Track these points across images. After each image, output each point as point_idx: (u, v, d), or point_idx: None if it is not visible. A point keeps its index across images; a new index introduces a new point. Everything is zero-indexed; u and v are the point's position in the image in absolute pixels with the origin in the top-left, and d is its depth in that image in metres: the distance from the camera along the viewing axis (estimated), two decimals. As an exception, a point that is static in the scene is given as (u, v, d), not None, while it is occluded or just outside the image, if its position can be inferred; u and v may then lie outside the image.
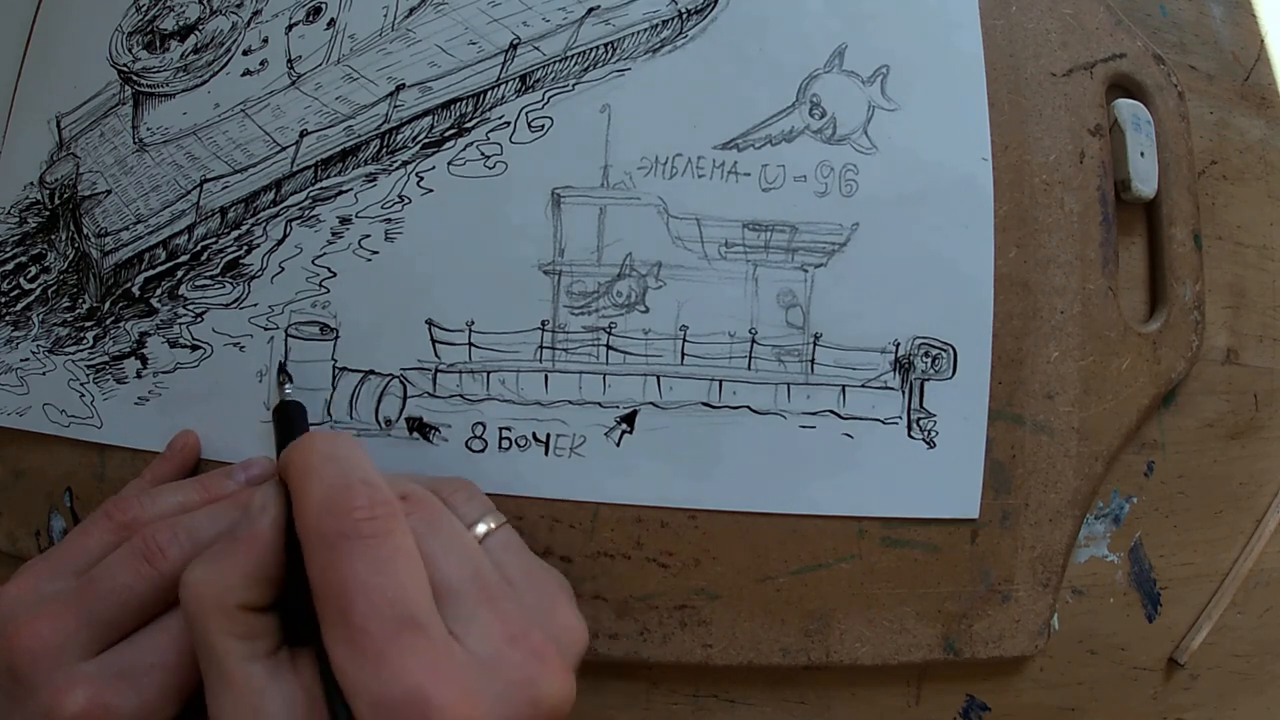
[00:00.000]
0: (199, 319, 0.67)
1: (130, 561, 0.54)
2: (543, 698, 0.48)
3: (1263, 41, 0.78)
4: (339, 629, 0.46)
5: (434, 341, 0.64)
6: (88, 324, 0.69)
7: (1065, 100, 0.69)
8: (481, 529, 0.55)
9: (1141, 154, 0.70)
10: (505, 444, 0.63)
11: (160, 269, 0.68)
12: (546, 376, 0.64)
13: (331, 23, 0.68)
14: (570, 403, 0.64)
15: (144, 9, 0.71)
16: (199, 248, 0.67)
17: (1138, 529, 0.70)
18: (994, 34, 0.68)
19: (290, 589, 0.51)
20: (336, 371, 0.65)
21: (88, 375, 0.68)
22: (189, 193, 0.67)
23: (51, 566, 0.57)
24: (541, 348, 0.64)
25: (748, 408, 0.64)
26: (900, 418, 0.64)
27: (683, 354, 0.64)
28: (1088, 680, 0.69)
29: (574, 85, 0.66)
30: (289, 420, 0.61)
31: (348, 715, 0.45)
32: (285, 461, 0.52)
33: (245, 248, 0.66)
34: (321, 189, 0.66)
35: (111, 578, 0.54)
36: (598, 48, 0.66)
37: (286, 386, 0.64)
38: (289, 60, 0.68)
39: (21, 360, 0.70)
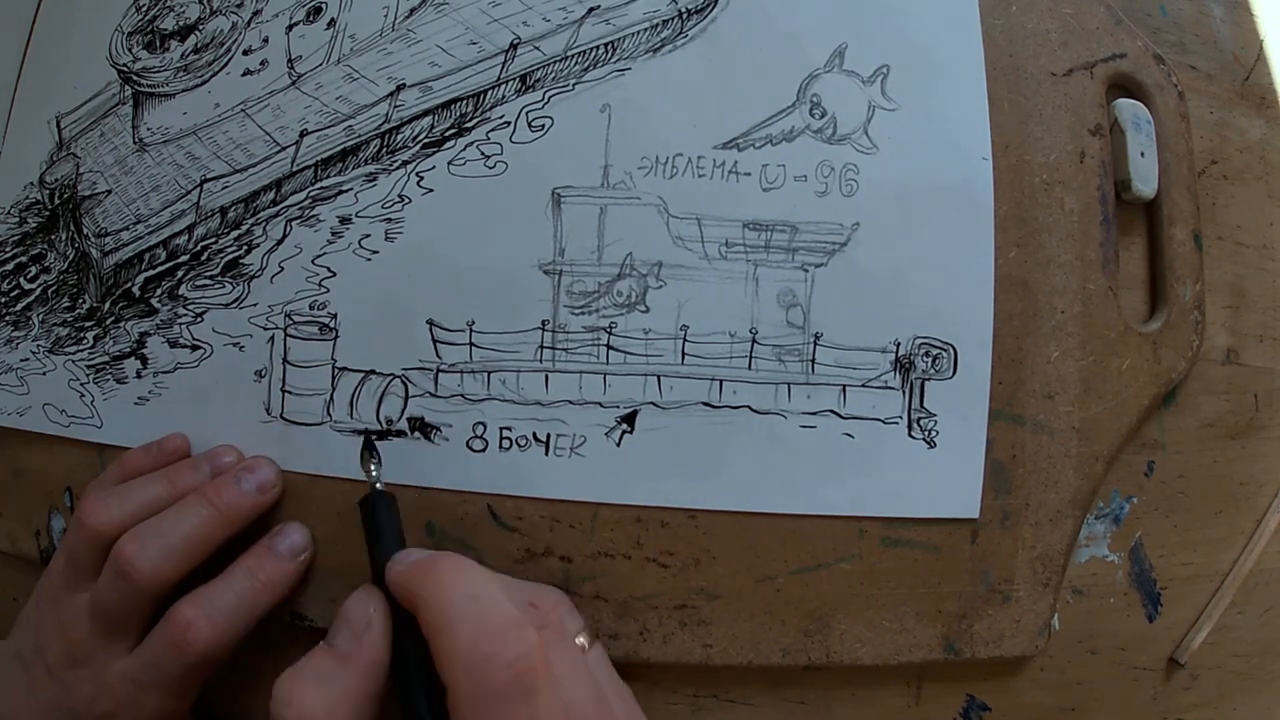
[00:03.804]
0: (199, 319, 0.67)
1: (110, 578, 0.59)
2: None
3: (1263, 41, 0.78)
4: None
5: (435, 341, 0.64)
6: (88, 324, 0.69)
7: (1065, 100, 0.69)
8: (581, 641, 0.57)
9: (1141, 154, 0.69)
10: (506, 444, 0.63)
11: (160, 269, 0.68)
12: (547, 376, 0.64)
13: (332, 23, 0.68)
14: (570, 403, 0.64)
15: (144, 9, 0.72)
16: (199, 248, 0.67)
17: (1138, 529, 0.70)
18: (994, 34, 0.68)
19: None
20: (336, 371, 0.64)
21: (88, 375, 0.68)
22: (189, 193, 0.67)
23: (52, 585, 0.62)
24: (542, 347, 0.64)
25: (748, 407, 0.64)
26: (901, 417, 0.64)
27: (683, 354, 0.64)
28: (1088, 680, 0.69)
29: (574, 85, 0.66)
30: (378, 518, 0.59)
31: None
32: (412, 593, 0.52)
33: (245, 247, 0.66)
34: (321, 189, 0.66)
35: (106, 596, 0.59)
36: (598, 47, 0.66)
37: (373, 469, 0.61)
38: (289, 60, 0.68)
39: (21, 360, 0.70)
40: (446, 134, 0.65)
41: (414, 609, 0.51)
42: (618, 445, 0.63)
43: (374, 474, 0.61)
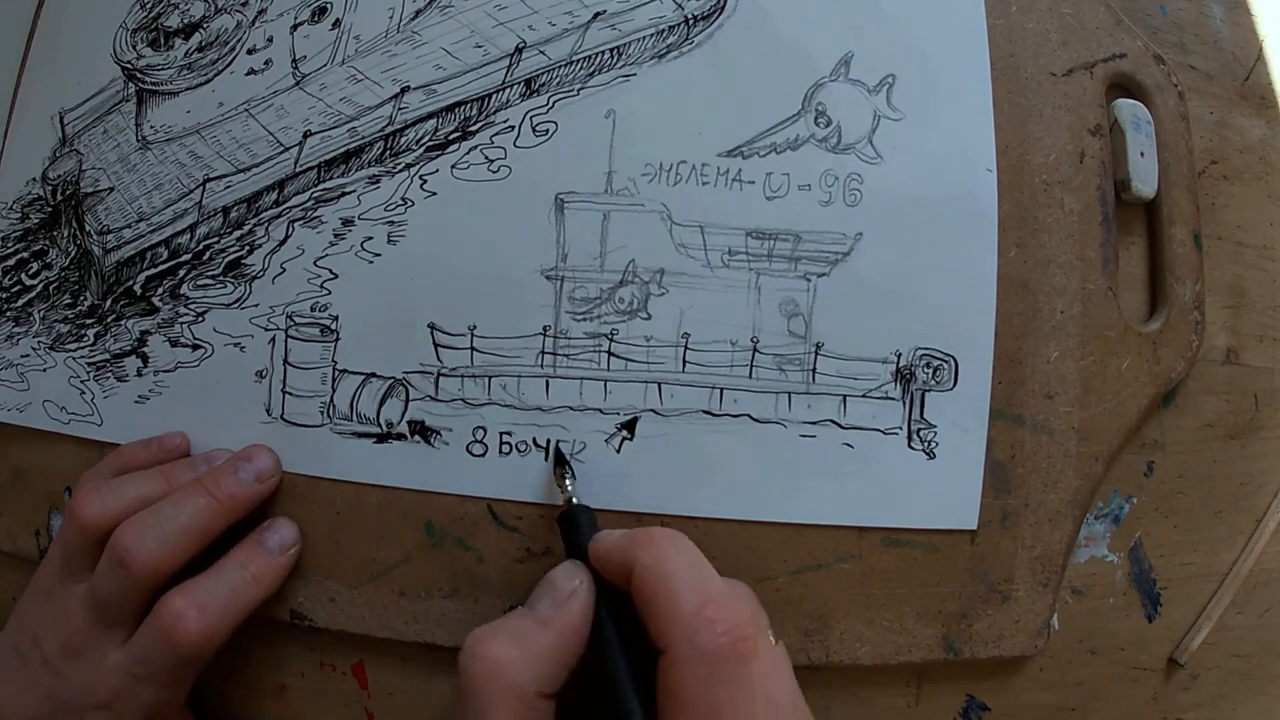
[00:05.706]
0: (200, 318, 0.67)
1: (108, 567, 0.59)
2: None
3: (1263, 42, 0.78)
4: None
5: (436, 345, 0.64)
6: (89, 321, 0.69)
7: (1065, 100, 0.69)
8: (771, 636, 0.56)
9: (1141, 154, 0.70)
10: (506, 449, 0.64)
11: (162, 268, 0.68)
12: (548, 382, 0.64)
13: (337, 23, 0.68)
14: (571, 409, 0.64)
15: (149, 6, 0.71)
16: (201, 247, 0.67)
17: (1138, 529, 0.70)
18: (994, 34, 0.68)
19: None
20: (337, 373, 0.65)
21: (88, 373, 0.69)
22: (192, 191, 0.67)
23: (47, 577, 0.63)
24: (543, 353, 0.64)
25: (748, 416, 0.64)
26: (901, 428, 0.64)
27: (684, 361, 0.64)
28: (1088, 680, 0.69)
29: (579, 90, 0.65)
30: (578, 527, 0.59)
31: None
32: (626, 561, 0.53)
33: (247, 248, 0.66)
34: (324, 190, 0.66)
35: (104, 585, 0.60)
36: (603, 53, 0.65)
37: (568, 482, 0.62)
38: (294, 60, 0.68)
39: (22, 356, 0.70)
40: (450, 137, 0.65)
41: (626, 577, 0.53)
42: (617, 452, 0.63)
43: (569, 489, 0.62)
